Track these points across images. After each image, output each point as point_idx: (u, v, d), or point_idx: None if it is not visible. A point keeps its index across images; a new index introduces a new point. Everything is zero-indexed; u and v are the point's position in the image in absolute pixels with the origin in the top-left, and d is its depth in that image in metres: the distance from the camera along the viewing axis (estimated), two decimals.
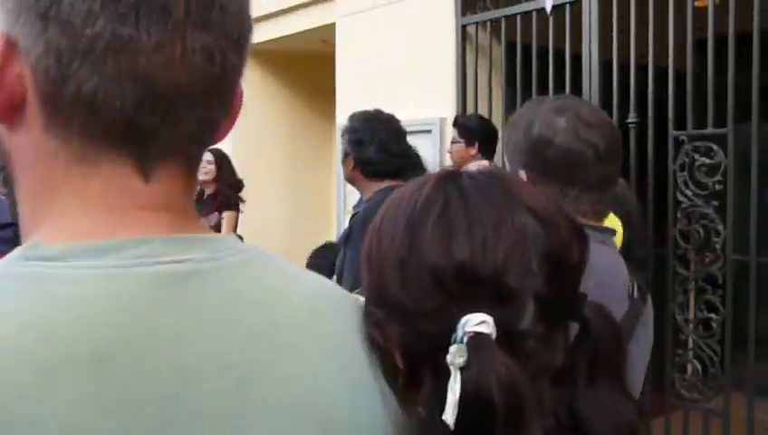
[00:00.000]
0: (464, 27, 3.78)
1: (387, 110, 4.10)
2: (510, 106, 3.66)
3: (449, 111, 3.81)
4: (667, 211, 2.96)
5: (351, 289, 2.05)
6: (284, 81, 5.99)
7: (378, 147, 2.38)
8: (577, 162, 1.19)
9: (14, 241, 4.04)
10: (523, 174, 1.22)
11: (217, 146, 5.60)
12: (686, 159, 2.93)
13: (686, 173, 2.92)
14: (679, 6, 2.95)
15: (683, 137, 2.96)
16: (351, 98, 4.47)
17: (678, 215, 2.93)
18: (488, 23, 3.70)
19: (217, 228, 4.61)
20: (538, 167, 1.21)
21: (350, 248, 2.23)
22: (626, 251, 2.71)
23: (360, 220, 2.26)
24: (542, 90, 3.42)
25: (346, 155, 2.42)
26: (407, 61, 4.04)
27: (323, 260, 2.79)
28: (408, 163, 2.42)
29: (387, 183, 2.35)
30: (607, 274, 1.12)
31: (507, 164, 1.30)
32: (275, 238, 5.94)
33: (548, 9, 3.40)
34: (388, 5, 4.13)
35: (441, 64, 3.85)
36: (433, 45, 3.90)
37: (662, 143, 3.00)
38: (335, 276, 2.31)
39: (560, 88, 3.36)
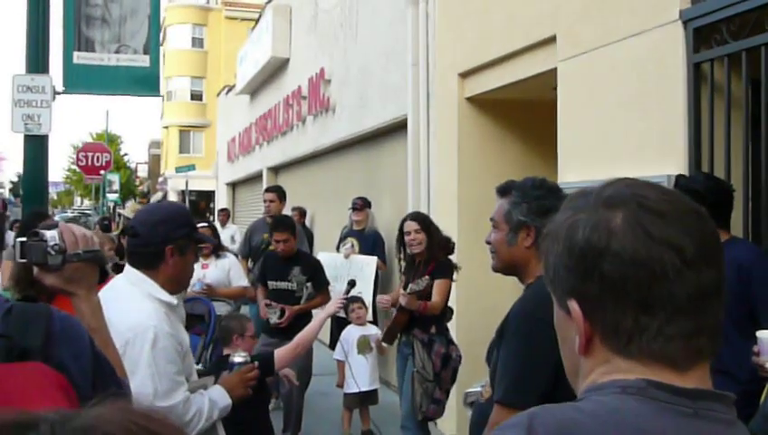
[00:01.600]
0: (696, 65, 3.57)
1: (607, 164, 4.04)
2: (755, 156, 3.35)
3: (679, 164, 3.59)
4: None
5: (508, 392, 2.02)
6: (511, 128, 6.11)
7: None
8: (651, 275, 0.88)
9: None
10: (574, 306, 0.93)
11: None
12: None
13: None
14: None
15: None
16: (572, 148, 4.43)
17: None
18: (726, 58, 3.45)
19: (426, 294, 4.75)
20: (592, 292, 0.91)
21: (504, 343, 2.12)
22: None
23: (522, 313, 2.11)
24: None
25: (521, 226, 2.26)
26: (629, 106, 3.91)
27: None
28: None
29: None
30: None
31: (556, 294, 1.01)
32: (498, 302, 5.99)
33: None
34: (611, 45, 4.06)
35: (670, 109, 3.66)
36: (661, 87, 3.73)
37: None
38: (489, 370, 2.28)
39: None
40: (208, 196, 35.58)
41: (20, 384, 1.19)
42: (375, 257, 7.19)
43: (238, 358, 3.31)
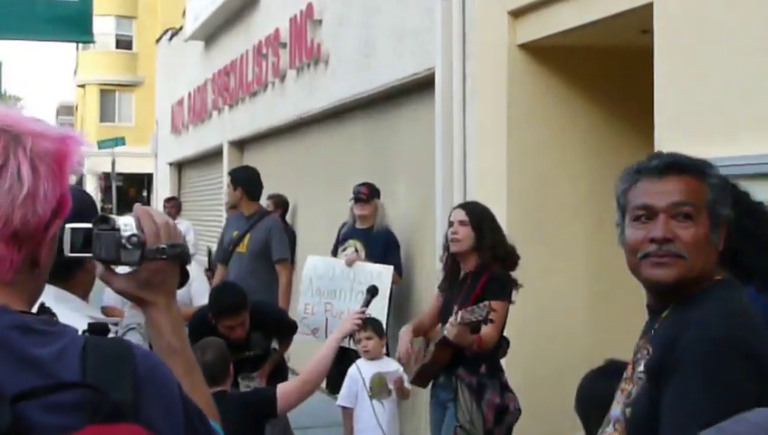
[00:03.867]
0: None
1: (726, 135, 4.03)
2: None
3: None
4: None
5: None
6: (583, 88, 6.11)
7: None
8: None
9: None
10: None
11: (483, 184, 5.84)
12: None
13: None
14: None
15: None
16: (675, 114, 4.42)
17: None
18: None
19: (485, 323, 4.69)
20: None
21: (678, 381, 2.08)
22: None
23: (707, 339, 2.10)
24: None
25: (722, 222, 2.27)
26: (760, 57, 3.90)
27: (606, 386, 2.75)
28: None
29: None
30: None
31: None
32: (566, 328, 5.97)
33: None
34: None
35: None
36: None
37: None
38: (623, 415, 2.28)
39: None
40: (142, 180, 35.61)
41: None
42: (391, 267, 7.18)
43: None
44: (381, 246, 7.50)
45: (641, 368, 2.21)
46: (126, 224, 1.59)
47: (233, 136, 14.12)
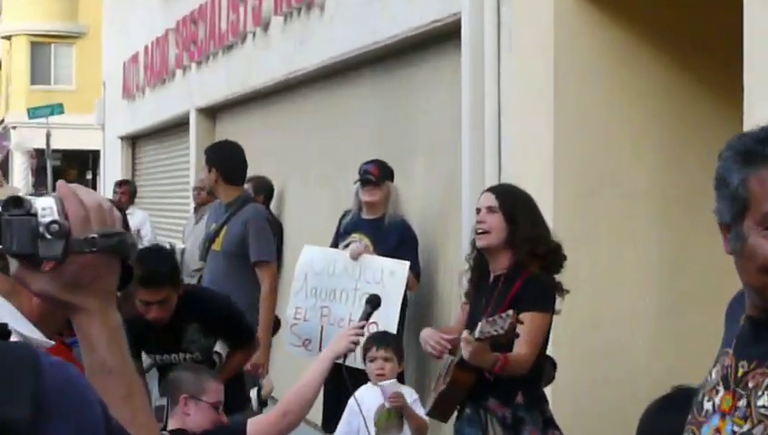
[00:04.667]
0: None
1: None
2: None
3: None
4: None
5: None
6: (651, 39, 6.12)
7: None
8: None
9: None
10: None
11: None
12: None
13: None
14: None
15: None
16: None
17: None
18: None
19: (509, 338, 4.68)
20: None
21: None
22: None
23: None
24: None
25: None
26: None
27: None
28: None
29: None
30: None
31: None
32: (633, 359, 6.00)
33: None
34: None
35: None
36: None
37: None
38: None
39: None
40: (85, 159, 35.58)
41: None
42: (407, 263, 7.17)
43: None
44: (394, 240, 7.48)
45: (766, 402, 2.14)
46: (45, 207, 1.54)
47: (202, 102, 14.11)
